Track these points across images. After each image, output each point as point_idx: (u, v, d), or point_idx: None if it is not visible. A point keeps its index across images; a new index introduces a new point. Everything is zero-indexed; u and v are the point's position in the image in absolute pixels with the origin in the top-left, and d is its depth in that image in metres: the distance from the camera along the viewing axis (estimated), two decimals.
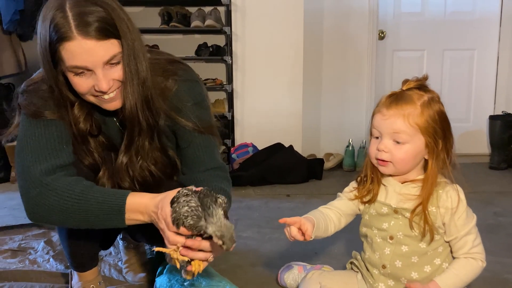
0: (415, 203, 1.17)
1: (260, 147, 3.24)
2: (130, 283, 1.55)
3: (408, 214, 1.18)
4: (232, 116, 3.37)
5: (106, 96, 1.07)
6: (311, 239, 1.21)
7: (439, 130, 1.16)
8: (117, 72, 1.06)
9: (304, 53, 3.42)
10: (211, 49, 3.34)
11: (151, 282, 1.52)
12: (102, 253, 1.77)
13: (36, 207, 1.08)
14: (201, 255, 1.02)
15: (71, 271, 1.45)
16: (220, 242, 0.95)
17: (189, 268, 1.04)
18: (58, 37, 0.99)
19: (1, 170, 3.05)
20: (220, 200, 1.01)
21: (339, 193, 1.35)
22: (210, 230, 0.96)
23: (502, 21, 3.80)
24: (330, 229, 1.28)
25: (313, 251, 1.85)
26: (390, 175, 1.22)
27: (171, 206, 1.00)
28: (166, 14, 3.34)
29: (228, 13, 3.30)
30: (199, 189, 1.04)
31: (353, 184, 1.32)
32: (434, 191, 1.16)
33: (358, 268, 1.32)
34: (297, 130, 3.46)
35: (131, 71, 1.06)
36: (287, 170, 3.01)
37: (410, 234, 1.19)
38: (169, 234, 1.01)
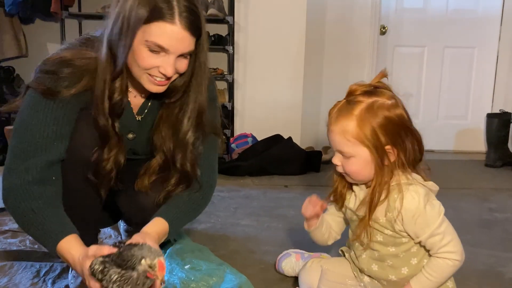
0: (364, 211, 1.17)
1: (259, 138, 3.26)
2: None
3: (361, 224, 1.18)
4: (232, 106, 3.38)
5: (159, 79, 1.14)
6: (325, 210, 1.28)
7: (384, 137, 1.10)
8: (182, 64, 1.15)
9: (306, 46, 3.42)
10: (213, 39, 3.33)
11: None
12: (102, 236, 1.78)
13: (2, 196, 1.15)
14: None
15: None
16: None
17: None
18: (159, 15, 1.06)
19: (1, 152, 3.04)
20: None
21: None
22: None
23: (503, 20, 3.82)
24: (329, 234, 1.34)
25: (310, 240, 1.86)
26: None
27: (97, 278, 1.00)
28: None
29: (231, 3, 3.30)
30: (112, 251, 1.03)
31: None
32: (389, 196, 1.14)
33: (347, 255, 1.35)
34: (296, 122, 3.47)
35: (194, 67, 1.18)
36: (285, 161, 3.03)
37: (376, 239, 1.18)
38: None
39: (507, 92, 3.90)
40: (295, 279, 1.51)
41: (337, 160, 1.17)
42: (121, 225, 1.75)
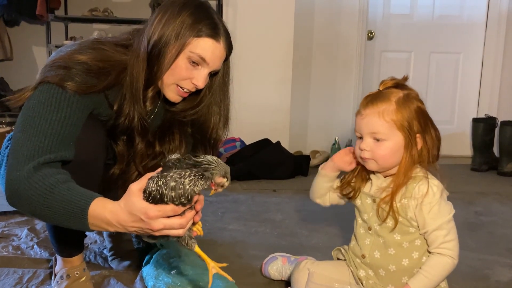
0: (387, 192, 1.21)
1: (247, 142, 3.25)
2: (115, 270, 1.54)
3: (384, 206, 1.21)
4: None
5: (186, 90, 1.23)
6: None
7: (416, 125, 1.18)
8: (206, 80, 1.25)
9: (294, 50, 3.43)
10: None
11: (137, 270, 1.51)
12: (87, 241, 1.76)
13: (11, 191, 1.06)
14: (198, 217, 1.05)
15: (55, 257, 1.43)
16: (224, 180, 1.04)
17: (194, 234, 1.08)
18: (209, 32, 1.19)
19: None
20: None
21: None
22: (216, 174, 1.01)
23: (487, 26, 3.87)
24: (325, 194, 1.38)
25: (298, 244, 1.87)
26: (377, 172, 1.25)
27: (159, 195, 0.95)
28: (156, 5, 3.32)
29: (219, 8, 3.30)
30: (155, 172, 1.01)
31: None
32: (408, 183, 1.19)
33: (343, 255, 1.36)
34: (284, 126, 3.47)
35: (218, 86, 1.31)
36: (274, 165, 3.02)
37: (384, 224, 1.22)
38: (173, 222, 0.97)
39: (492, 97, 3.95)
40: (282, 283, 1.51)
41: (366, 145, 1.20)
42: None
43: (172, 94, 1.24)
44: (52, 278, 1.42)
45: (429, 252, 1.21)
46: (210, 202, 2.41)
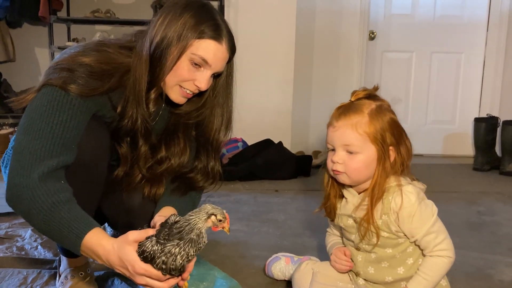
0: (364, 210, 1.19)
1: (249, 143, 3.25)
2: None
3: (364, 223, 1.19)
4: None
5: (189, 91, 1.22)
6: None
7: (390, 137, 1.16)
8: (209, 83, 1.24)
9: (295, 51, 3.43)
10: None
11: None
12: None
13: (12, 194, 1.08)
14: (183, 282, 1.10)
15: (59, 257, 1.44)
16: (215, 220, 1.07)
17: None
18: (211, 34, 1.17)
19: None
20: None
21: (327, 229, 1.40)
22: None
23: (489, 26, 3.87)
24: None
25: (301, 244, 1.87)
26: (349, 186, 1.23)
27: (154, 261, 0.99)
28: (159, 6, 3.33)
29: (221, 8, 3.30)
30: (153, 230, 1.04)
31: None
32: (384, 197, 1.17)
33: None
34: (286, 126, 3.47)
35: (221, 88, 1.30)
36: (276, 166, 3.03)
37: (372, 242, 1.20)
38: (155, 284, 1.02)
39: (494, 96, 3.95)
40: (285, 283, 1.51)
41: (338, 157, 1.18)
42: (108, 229, 1.74)
43: (176, 96, 1.24)
44: (57, 278, 1.43)
45: (424, 255, 1.19)
46: (213, 203, 2.40)
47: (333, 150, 1.20)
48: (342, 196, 1.26)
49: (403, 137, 1.19)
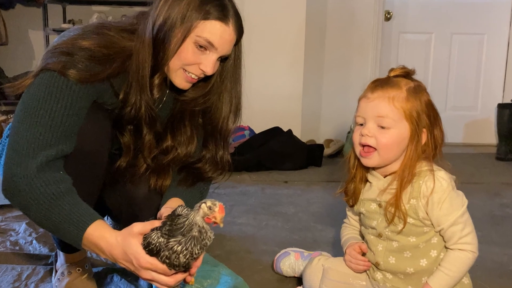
0: (391, 193, 1.18)
1: (257, 131, 3.24)
2: (118, 267, 1.54)
3: (390, 208, 1.18)
4: None
5: (194, 76, 1.20)
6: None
7: (424, 118, 1.17)
8: (216, 67, 1.22)
9: (306, 33, 3.40)
10: None
11: None
12: None
13: (9, 185, 1.07)
14: (190, 277, 1.09)
15: (56, 253, 1.44)
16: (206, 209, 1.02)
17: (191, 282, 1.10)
18: (217, 14, 1.15)
19: None
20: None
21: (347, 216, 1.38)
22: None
23: None
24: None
25: (312, 239, 1.86)
26: (373, 168, 1.22)
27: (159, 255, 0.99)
28: None
29: None
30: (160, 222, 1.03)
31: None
32: (414, 181, 1.17)
33: None
34: (296, 113, 3.46)
35: (229, 72, 1.27)
36: (285, 155, 3.02)
37: (396, 229, 1.19)
38: (160, 279, 1.02)
39: None
40: (294, 279, 1.50)
41: (368, 130, 1.17)
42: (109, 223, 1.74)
43: (179, 80, 1.22)
44: (53, 274, 1.43)
45: (447, 248, 1.19)
46: (218, 195, 2.41)
47: (361, 125, 1.19)
48: (366, 181, 1.26)
49: (438, 121, 1.20)
